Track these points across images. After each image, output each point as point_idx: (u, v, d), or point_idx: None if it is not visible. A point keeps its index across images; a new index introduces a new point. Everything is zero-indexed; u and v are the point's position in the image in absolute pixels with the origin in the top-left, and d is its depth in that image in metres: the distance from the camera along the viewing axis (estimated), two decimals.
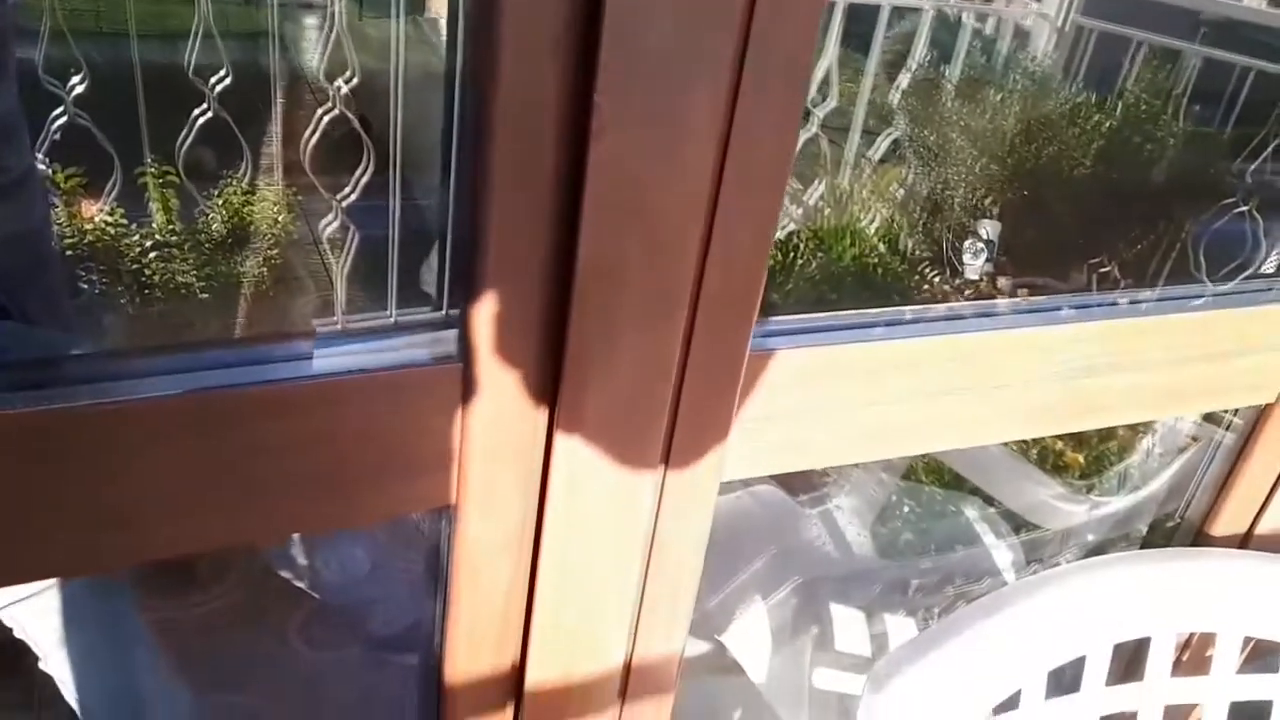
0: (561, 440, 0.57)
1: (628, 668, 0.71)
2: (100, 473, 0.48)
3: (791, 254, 2.73)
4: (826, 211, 2.89)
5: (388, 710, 1.76)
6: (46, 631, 1.23)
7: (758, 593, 1.41)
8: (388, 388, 0.53)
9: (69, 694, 1.27)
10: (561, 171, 0.49)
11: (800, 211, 3.04)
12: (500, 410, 0.56)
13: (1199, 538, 0.95)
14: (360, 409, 0.53)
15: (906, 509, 1.71)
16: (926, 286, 2.68)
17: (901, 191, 3.11)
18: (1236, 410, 0.96)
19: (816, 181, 2.99)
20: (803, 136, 3.42)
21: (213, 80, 2.37)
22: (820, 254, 2.65)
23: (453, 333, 0.54)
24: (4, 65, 0.98)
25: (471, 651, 0.65)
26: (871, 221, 2.94)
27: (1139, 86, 3.00)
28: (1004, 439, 0.74)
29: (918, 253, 2.74)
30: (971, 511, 1.57)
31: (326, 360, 0.53)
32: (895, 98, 3.30)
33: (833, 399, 0.65)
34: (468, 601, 0.62)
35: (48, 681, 1.27)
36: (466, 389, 0.55)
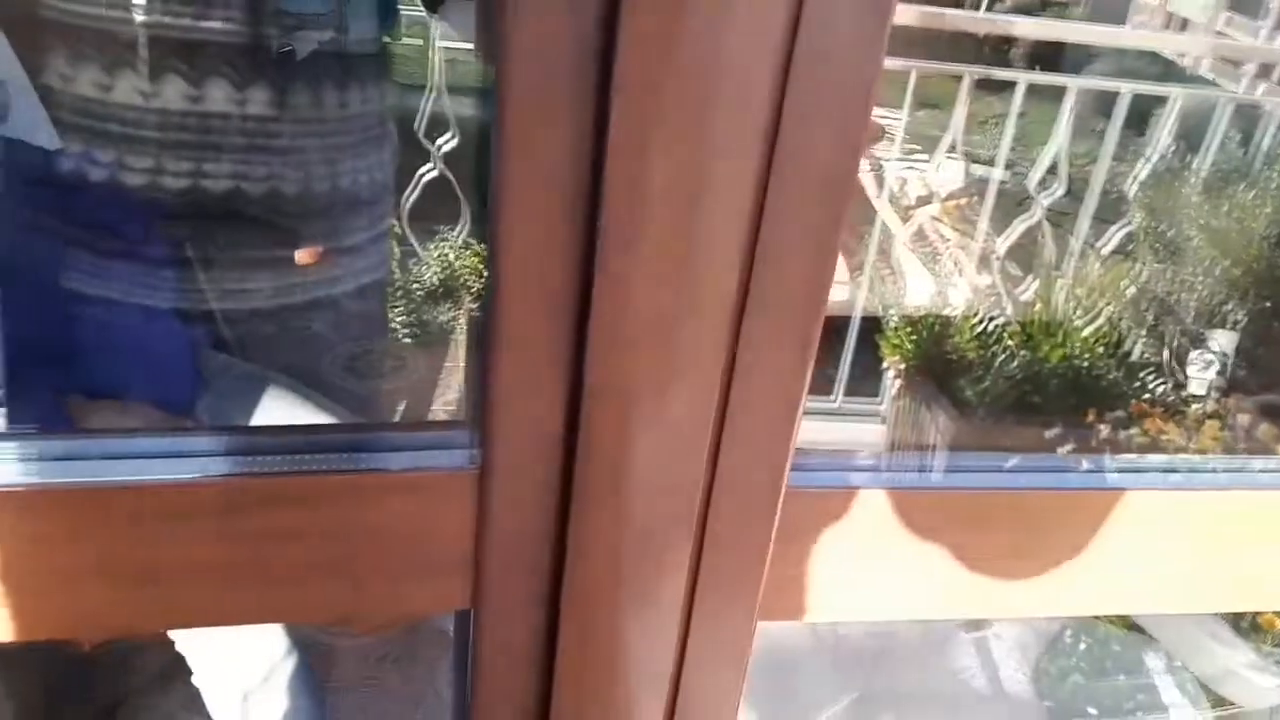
0: (574, 564, 0.55)
1: None
2: (132, 540, 0.52)
3: (993, 347, 2.57)
4: (1038, 306, 2.70)
5: None
6: None
7: None
8: (406, 488, 0.54)
9: None
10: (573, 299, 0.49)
11: (1010, 305, 2.86)
12: (515, 521, 0.55)
13: None
14: (380, 505, 0.54)
15: (1083, 646, 1.53)
16: (1146, 395, 2.44)
17: (1131, 289, 2.86)
18: None
19: (1030, 275, 2.81)
20: (1025, 224, 3.24)
21: (439, 140, 2.60)
22: (1024, 351, 2.48)
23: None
24: (387, 136, 1.10)
25: None
26: (1091, 320, 2.72)
27: None
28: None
29: (1138, 358, 2.49)
30: (1155, 662, 1.38)
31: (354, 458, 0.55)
32: (1132, 188, 3.07)
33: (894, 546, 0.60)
34: (486, 710, 0.61)
35: None
36: (483, 497, 0.55)
